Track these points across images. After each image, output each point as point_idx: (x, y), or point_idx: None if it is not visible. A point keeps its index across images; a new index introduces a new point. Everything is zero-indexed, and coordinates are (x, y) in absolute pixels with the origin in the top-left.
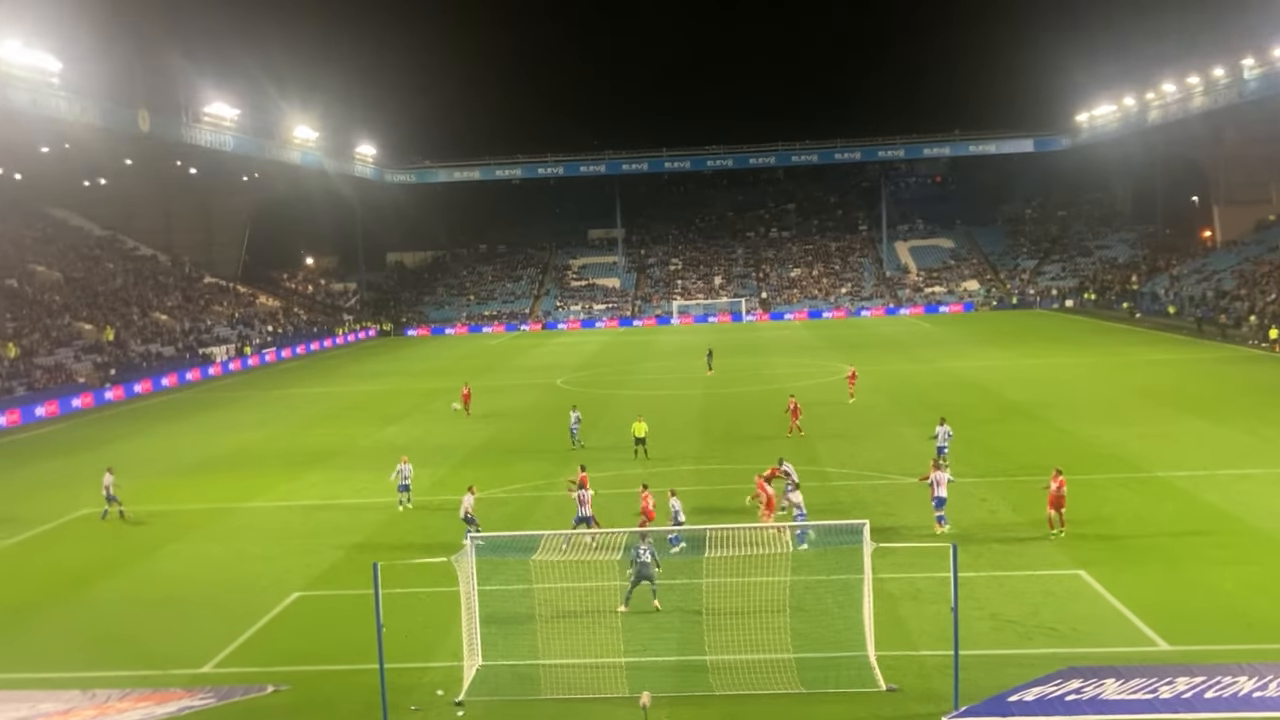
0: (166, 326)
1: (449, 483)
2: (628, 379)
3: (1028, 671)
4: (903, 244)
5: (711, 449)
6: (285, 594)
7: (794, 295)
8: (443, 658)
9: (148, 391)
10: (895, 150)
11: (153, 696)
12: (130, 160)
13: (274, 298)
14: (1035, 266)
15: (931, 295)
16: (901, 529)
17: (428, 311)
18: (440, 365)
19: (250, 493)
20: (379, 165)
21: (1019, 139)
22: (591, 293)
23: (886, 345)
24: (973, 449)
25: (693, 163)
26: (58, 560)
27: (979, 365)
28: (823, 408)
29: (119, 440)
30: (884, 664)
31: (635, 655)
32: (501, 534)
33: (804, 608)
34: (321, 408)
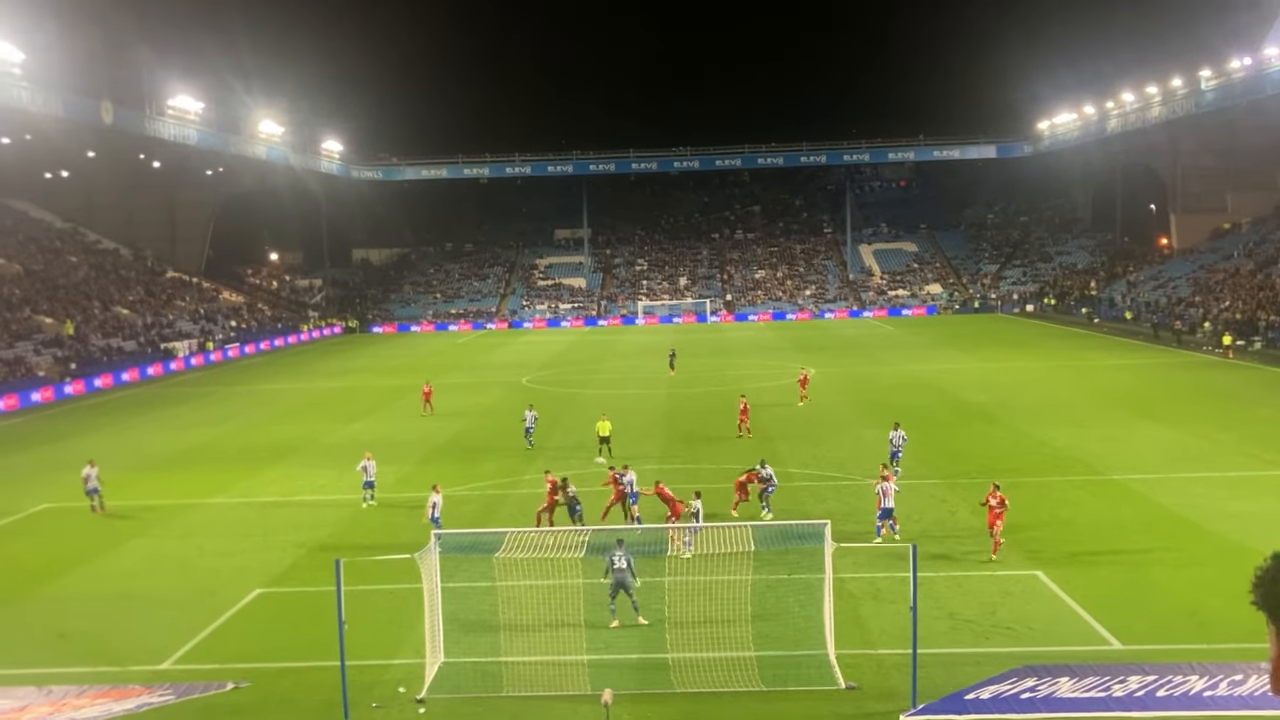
0: (128, 321)
1: (413, 480)
2: (592, 378)
3: (984, 670)
4: (867, 247)
5: (674, 449)
6: (246, 590)
7: (758, 297)
8: (405, 655)
9: (108, 386)
10: (860, 154)
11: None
12: (93, 153)
13: (238, 293)
14: (997, 271)
15: (895, 298)
16: (863, 530)
17: (393, 309)
18: (406, 363)
19: (212, 489)
20: (345, 161)
21: (982, 145)
22: (558, 292)
23: (849, 347)
24: (932, 450)
25: (660, 164)
26: (14, 556)
27: (940, 368)
28: (785, 409)
29: (78, 435)
30: (843, 662)
31: (597, 653)
32: (465, 531)
33: (765, 606)
34: (285, 404)
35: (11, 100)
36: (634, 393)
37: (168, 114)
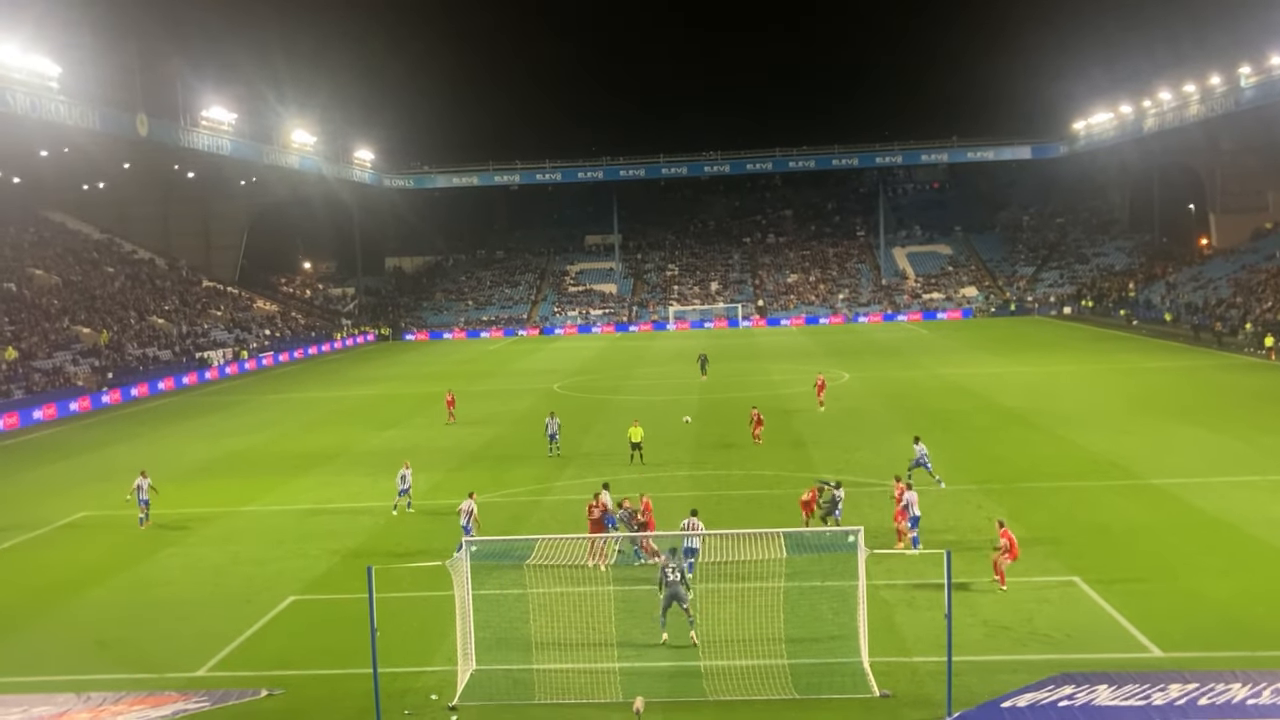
0: (163, 330)
1: (445, 487)
2: (623, 384)
3: (1021, 678)
4: (900, 250)
5: (706, 455)
6: (280, 598)
7: (791, 301)
8: (437, 662)
9: (144, 395)
10: (893, 156)
11: (147, 700)
12: (128, 164)
13: (271, 302)
14: (1033, 273)
15: (929, 301)
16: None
17: (426, 316)
18: (438, 370)
19: (246, 497)
20: (377, 170)
21: (1016, 146)
22: (589, 298)
23: (883, 351)
24: (968, 456)
25: (690, 168)
26: (54, 563)
27: (976, 372)
28: (816, 414)
29: (116, 444)
30: (877, 670)
31: (629, 661)
32: (497, 538)
33: (798, 614)
34: (318, 412)
35: (49, 114)
36: (666, 399)
37: (201, 125)
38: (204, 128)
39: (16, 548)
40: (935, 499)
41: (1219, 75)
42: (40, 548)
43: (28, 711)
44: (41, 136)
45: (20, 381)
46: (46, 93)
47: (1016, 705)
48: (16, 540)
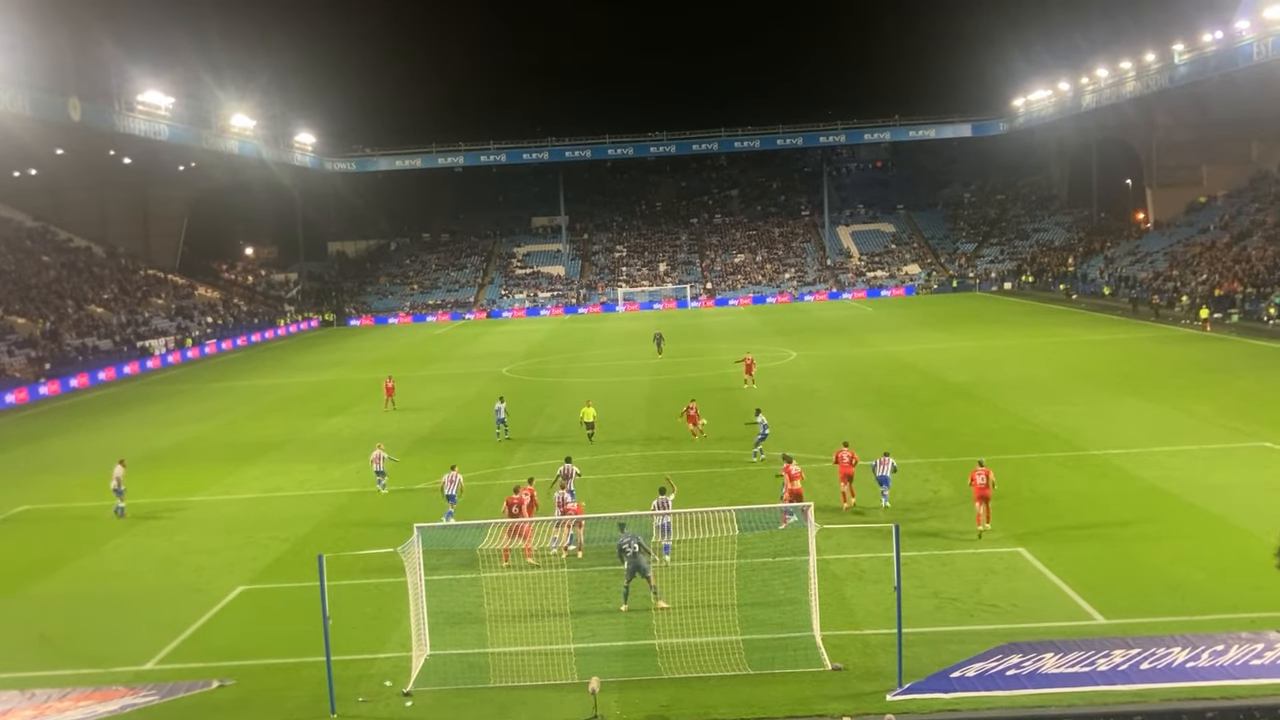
0: (103, 319)
1: (396, 472)
2: (574, 366)
3: (969, 648)
4: (845, 229)
5: (658, 434)
6: (229, 588)
7: (738, 281)
8: (391, 648)
9: (84, 386)
10: (836, 135)
11: (94, 695)
12: (61, 150)
13: (213, 289)
14: (974, 250)
15: (874, 279)
16: (845, 511)
17: (371, 301)
18: (384, 355)
19: (193, 487)
20: (319, 154)
21: (957, 124)
22: (536, 280)
23: (829, 329)
24: (914, 430)
25: (635, 149)
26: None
27: (920, 348)
28: (764, 392)
29: (56, 436)
30: (829, 643)
31: (584, 641)
32: (448, 524)
33: (750, 590)
34: (264, 400)
35: None
36: (617, 379)
37: (137, 110)
38: (140, 112)
39: None
40: None
41: (1154, 52)
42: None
43: None
44: None
45: None
46: None
47: (965, 675)
48: None
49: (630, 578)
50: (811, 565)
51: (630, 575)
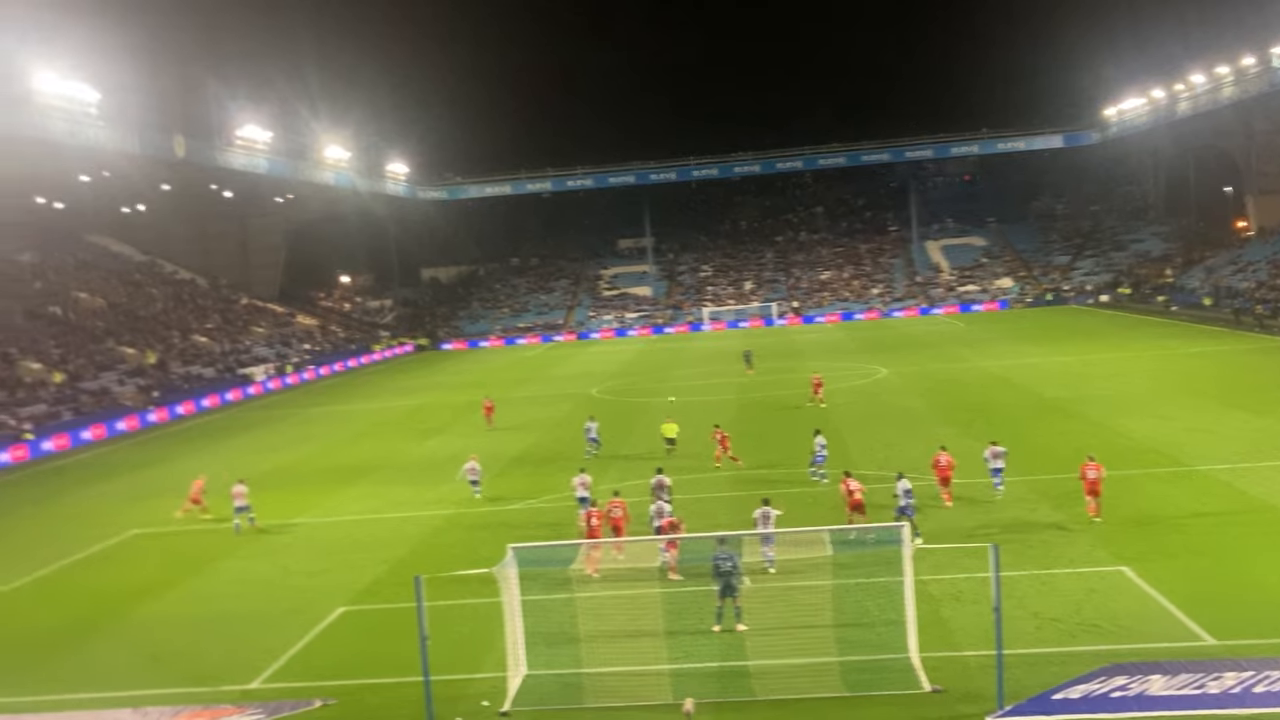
0: (206, 348)
1: (488, 493)
2: (661, 386)
3: (1071, 669)
4: (934, 243)
5: (746, 453)
6: (330, 609)
7: (825, 298)
8: (488, 669)
9: (190, 413)
10: (923, 150)
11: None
12: (167, 185)
13: (311, 316)
14: (1069, 262)
15: (965, 294)
16: (941, 530)
17: (463, 325)
18: (477, 378)
19: (295, 509)
20: (411, 183)
21: (1047, 135)
22: (624, 302)
23: (920, 345)
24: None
25: (720, 169)
26: (109, 580)
27: (1015, 363)
28: (857, 409)
29: (164, 462)
30: (928, 665)
31: (678, 662)
32: (542, 544)
33: (845, 611)
34: (361, 424)
35: (89, 139)
36: (704, 399)
37: (237, 144)
38: (239, 147)
39: (70, 567)
40: (981, 490)
41: (1252, 56)
42: (93, 566)
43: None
44: (82, 162)
45: (69, 403)
46: (86, 118)
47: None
48: (70, 559)
49: (723, 597)
50: (908, 585)
51: (722, 595)
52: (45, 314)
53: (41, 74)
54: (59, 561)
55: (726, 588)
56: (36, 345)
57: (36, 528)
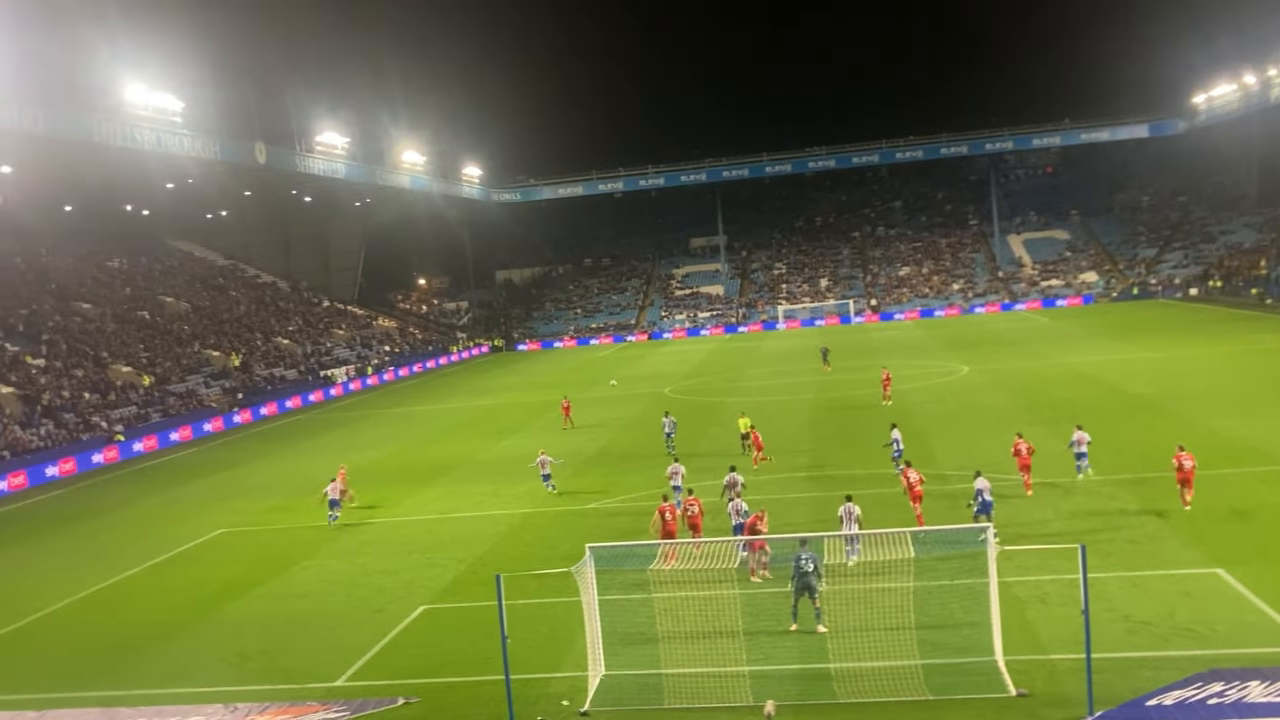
0: (289, 350)
1: (566, 492)
2: (735, 385)
3: (1165, 675)
4: (1016, 237)
5: (825, 454)
6: (412, 607)
7: (904, 294)
8: (567, 668)
9: (273, 414)
10: (1004, 142)
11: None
12: (249, 192)
13: (390, 319)
14: (1155, 255)
15: (1048, 289)
16: (1026, 531)
17: (537, 326)
18: (551, 378)
19: (374, 509)
20: (484, 185)
21: (1133, 124)
22: (696, 301)
23: (1003, 341)
24: (1098, 446)
25: (794, 165)
26: (196, 580)
27: (1100, 359)
28: (938, 407)
29: (248, 462)
30: (1013, 668)
31: (758, 664)
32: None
33: (928, 613)
34: (439, 424)
35: (173, 147)
36: (779, 399)
37: (316, 150)
38: (318, 152)
39: (159, 565)
40: (1066, 491)
41: None
42: (181, 565)
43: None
44: (167, 170)
45: (157, 406)
46: (170, 127)
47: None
48: (159, 559)
49: (799, 596)
50: (992, 588)
51: (799, 594)
52: (134, 318)
53: (132, 85)
54: (150, 559)
55: (805, 588)
56: (126, 349)
57: (128, 527)
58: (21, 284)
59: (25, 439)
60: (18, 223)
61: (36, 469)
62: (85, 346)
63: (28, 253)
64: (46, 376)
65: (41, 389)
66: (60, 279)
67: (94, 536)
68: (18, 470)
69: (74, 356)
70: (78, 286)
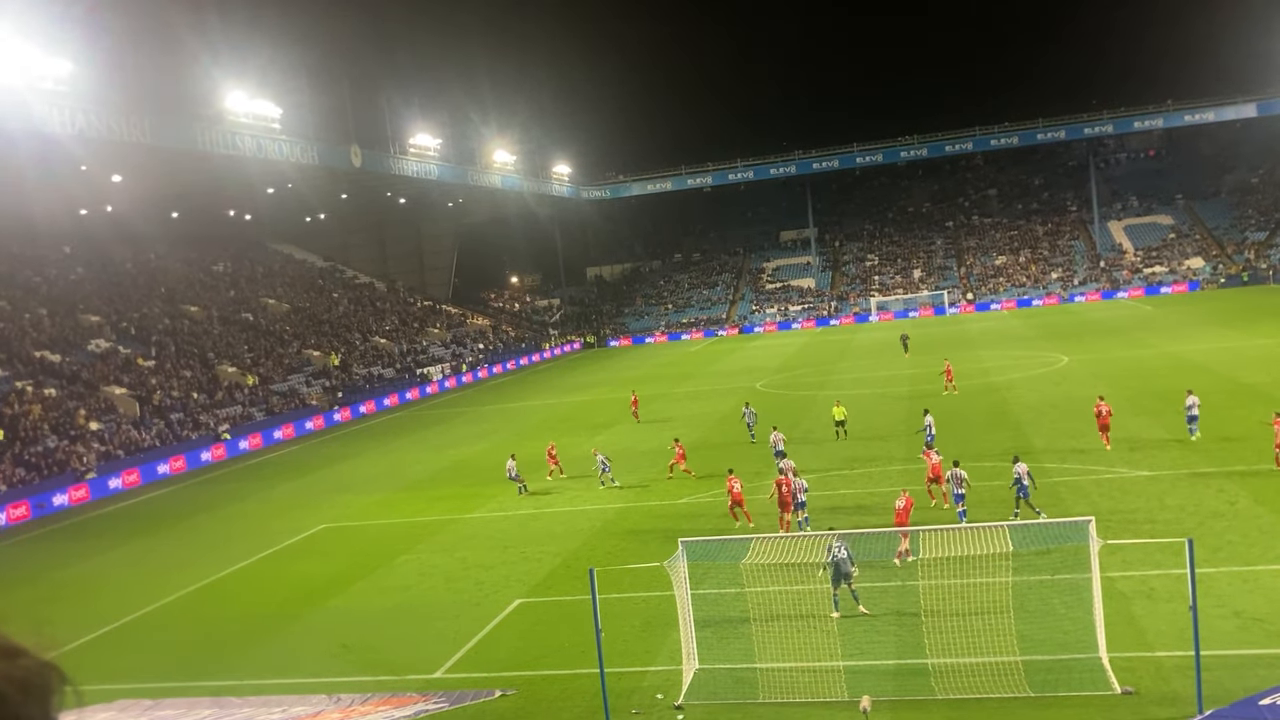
0: (386, 349)
1: (656, 488)
2: (828, 379)
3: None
4: (1116, 223)
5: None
6: (508, 601)
7: (1000, 284)
8: (661, 661)
9: (371, 412)
10: (1103, 125)
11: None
12: (345, 194)
13: (483, 317)
14: (1266, 239)
15: (1151, 276)
16: (1130, 524)
17: (628, 322)
18: (642, 374)
19: (470, 504)
20: (574, 183)
21: (1240, 104)
22: (787, 294)
23: (1105, 330)
24: (1205, 436)
25: (885, 155)
26: (300, 573)
27: (1208, 347)
28: (1037, 398)
29: (348, 459)
30: (1117, 666)
31: (853, 659)
32: (713, 538)
33: (1028, 609)
34: (532, 420)
35: (272, 153)
36: (873, 392)
37: (409, 152)
38: (412, 154)
39: (265, 560)
40: (1172, 483)
41: None
42: (286, 559)
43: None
44: (266, 175)
45: (261, 404)
46: (269, 134)
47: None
48: (265, 553)
49: (836, 585)
50: (1095, 583)
51: (835, 582)
52: (238, 320)
53: (232, 94)
54: (257, 554)
55: (841, 576)
56: (231, 350)
57: (235, 522)
58: (133, 288)
59: (138, 438)
60: (128, 229)
61: (149, 467)
62: (193, 348)
63: (138, 259)
64: (157, 377)
65: (152, 389)
66: (168, 283)
67: (204, 532)
68: (131, 468)
69: (182, 358)
70: (185, 290)
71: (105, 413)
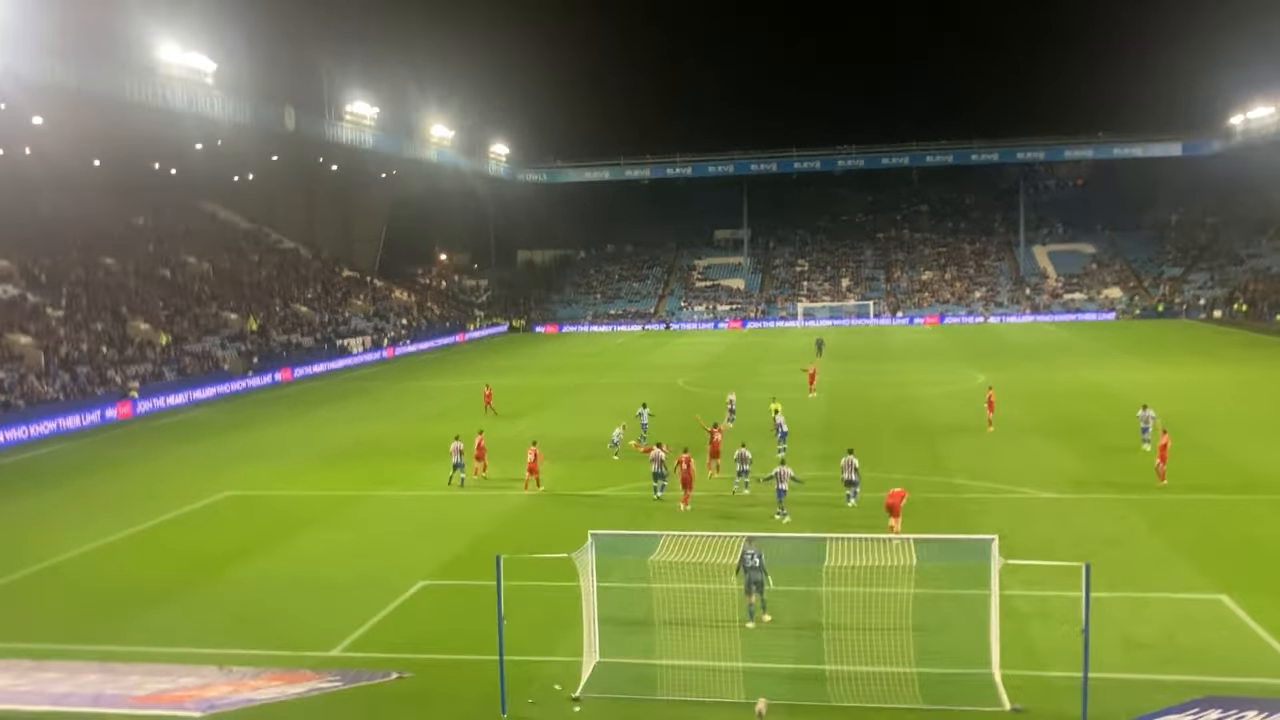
0: (306, 318)
1: (575, 477)
2: (751, 380)
3: (1162, 698)
4: (1041, 248)
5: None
6: (411, 582)
7: (925, 299)
8: (561, 653)
9: (287, 380)
10: (1035, 152)
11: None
12: (276, 156)
13: (409, 292)
14: (1182, 275)
15: (1071, 302)
16: (1031, 545)
17: (555, 309)
18: (567, 362)
19: (380, 481)
20: (511, 164)
21: (1166, 142)
22: (716, 293)
23: (1022, 352)
24: (1109, 465)
25: (823, 162)
26: (199, 541)
27: (1121, 377)
28: (951, 416)
29: (260, 426)
30: (1010, 683)
31: (753, 661)
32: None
33: (927, 622)
34: (451, 401)
35: (204, 109)
36: (794, 396)
37: (345, 119)
38: (347, 121)
39: (164, 525)
40: (1075, 506)
41: None
42: (186, 525)
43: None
44: (197, 130)
45: (173, 364)
46: (202, 89)
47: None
48: (164, 517)
49: (749, 592)
50: (994, 600)
51: (749, 590)
52: (155, 276)
53: (166, 45)
54: (156, 518)
55: (753, 584)
56: (146, 306)
57: (136, 484)
58: (47, 235)
59: (41, 390)
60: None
61: (50, 420)
62: (105, 301)
63: (55, 205)
64: (65, 328)
65: (59, 341)
66: (85, 233)
67: (102, 491)
68: (32, 421)
69: (94, 310)
70: (102, 241)
71: (8, 361)
